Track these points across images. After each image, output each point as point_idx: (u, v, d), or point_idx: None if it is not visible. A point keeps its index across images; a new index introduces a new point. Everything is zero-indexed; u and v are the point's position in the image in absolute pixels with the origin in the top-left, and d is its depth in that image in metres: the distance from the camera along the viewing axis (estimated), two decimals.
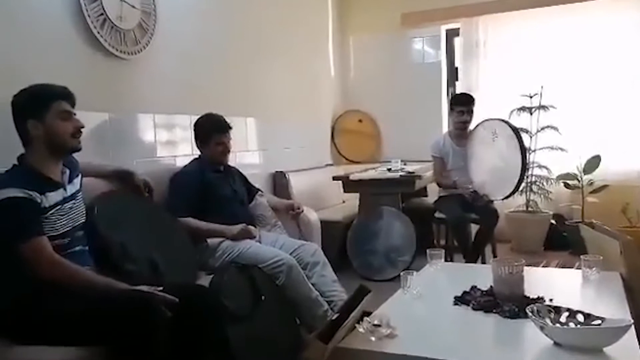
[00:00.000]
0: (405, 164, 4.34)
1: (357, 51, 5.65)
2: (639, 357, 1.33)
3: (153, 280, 1.87)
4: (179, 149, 3.22)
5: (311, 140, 5.00)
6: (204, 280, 2.38)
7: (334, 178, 4.20)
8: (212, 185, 2.81)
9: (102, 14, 2.62)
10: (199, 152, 2.95)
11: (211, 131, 2.86)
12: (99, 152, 2.63)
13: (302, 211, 3.17)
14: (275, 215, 3.14)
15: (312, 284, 2.67)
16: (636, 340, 1.40)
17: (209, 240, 2.68)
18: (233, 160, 3.17)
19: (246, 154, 3.92)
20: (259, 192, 3.19)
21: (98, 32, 2.61)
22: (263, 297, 2.39)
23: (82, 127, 1.95)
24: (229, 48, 3.73)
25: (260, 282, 2.45)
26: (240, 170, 3.18)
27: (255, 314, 2.31)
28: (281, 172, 4.20)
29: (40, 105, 1.86)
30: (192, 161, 2.94)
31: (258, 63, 4.07)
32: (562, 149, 4.51)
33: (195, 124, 2.93)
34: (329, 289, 2.73)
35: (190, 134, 3.01)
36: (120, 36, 2.74)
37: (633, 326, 1.40)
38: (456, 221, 3.74)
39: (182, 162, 3.04)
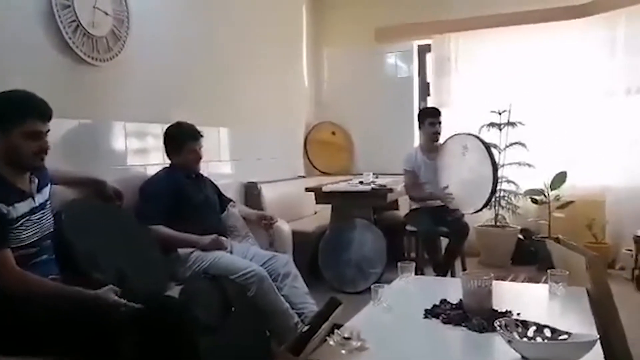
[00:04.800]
0: (377, 177, 4.37)
1: (331, 64, 5.70)
2: None
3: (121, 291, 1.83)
4: (150, 157, 3.18)
5: (284, 151, 5.01)
6: (174, 290, 2.34)
7: (307, 189, 4.20)
8: (184, 193, 2.78)
9: (74, 20, 2.59)
10: (169, 161, 2.92)
11: (184, 139, 2.84)
12: (69, 159, 2.58)
13: (275, 222, 3.15)
14: (247, 226, 3.12)
15: (283, 296, 2.66)
16: (602, 355, 1.43)
17: (180, 250, 2.64)
18: (205, 170, 3.13)
19: (218, 164, 3.90)
20: (231, 203, 3.17)
21: (70, 38, 2.57)
22: (233, 309, 2.37)
23: (47, 149, 1.88)
24: (203, 57, 3.71)
25: (230, 293, 2.43)
26: (212, 180, 3.16)
27: (225, 325, 2.28)
28: (253, 182, 4.18)
29: (10, 119, 1.79)
30: (162, 169, 2.91)
31: (232, 73, 4.06)
32: (529, 165, 4.61)
33: (167, 132, 2.91)
34: (300, 300, 2.71)
35: (161, 142, 2.97)
36: (92, 43, 2.70)
37: (599, 341, 1.43)
38: (427, 234, 3.78)
39: (152, 170, 3.00)
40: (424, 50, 5.45)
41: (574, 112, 4.75)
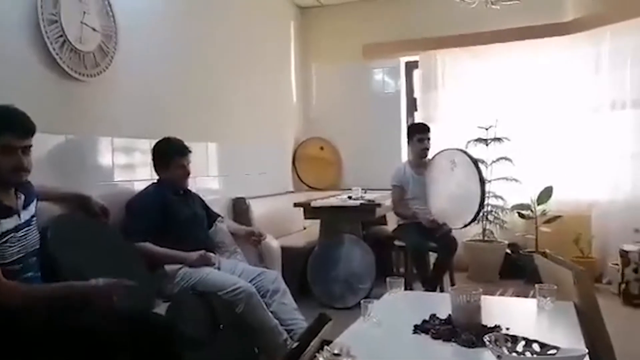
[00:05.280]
0: (365, 192, 4.38)
1: (319, 79, 5.73)
2: None
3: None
4: (138, 173, 3.16)
5: (273, 167, 5.00)
6: (161, 307, 2.32)
7: (295, 205, 4.20)
8: (172, 209, 2.77)
9: (61, 36, 2.58)
10: (157, 177, 2.90)
11: (172, 154, 2.84)
12: (55, 174, 2.55)
13: (264, 238, 3.14)
14: (235, 242, 3.10)
15: (272, 312, 2.64)
16: None
17: (167, 267, 2.62)
18: (193, 185, 3.12)
19: (206, 180, 3.88)
20: (219, 218, 3.15)
21: (57, 54, 2.56)
22: (221, 326, 2.35)
23: (25, 165, 1.83)
24: (191, 73, 3.72)
25: (218, 310, 2.41)
26: (200, 195, 3.14)
27: (213, 342, 2.26)
28: (242, 198, 4.17)
29: None
30: (150, 185, 2.89)
31: (221, 89, 4.07)
32: (516, 180, 4.65)
33: (155, 148, 2.90)
34: (288, 317, 2.70)
35: (149, 158, 2.96)
36: (79, 58, 2.70)
37: (587, 356, 1.43)
38: (415, 249, 3.78)
39: (140, 186, 2.98)
40: (411, 66, 5.51)
41: (559, 127, 4.82)
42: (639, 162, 4.33)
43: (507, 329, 1.75)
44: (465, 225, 3.75)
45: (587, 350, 1.44)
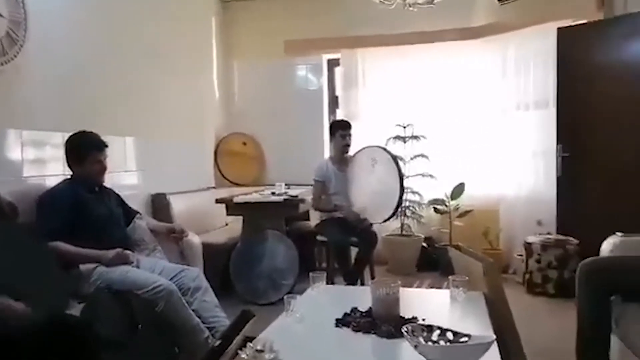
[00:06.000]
0: (288, 188, 4.40)
1: (241, 75, 5.69)
2: None
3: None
4: (50, 168, 2.99)
5: (194, 162, 4.91)
6: (76, 308, 2.22)
7: (217, 201, 4.15)
8: (87, 206, 2.65)
9: None
10: (70, 172, 2.77)
11: (88, 149, 2.71)
12: None
13: (186, 235, 3.08)
14: (155, 240, 3.02)
15: (193, 310, 2.60)
16: (498, 354, 1.54)
17: (82, 266, 2.51)
18: (109, 181, 3.00)
19: (124, 175, 3.74)
20: (138, 215, 3.05)
21: None
22: (140, 325, 2.28)
23: None
24: (108, 64, 3.56)
25: (137, 309, 2.34)
26: (117, 191, 3.03)
27: (132, 342, 2.19)
28: (162, 194, 4.05)
29: None
30: (63, 181, 2.75)
31: (139, 82, 3.93)
32: (431, 176, 4.87)
33: (69, 141, 2.75)
34: (210, 315, 2.67)
35: (62, 152, 2.81)
36: None
37: (496, 342, 1.54)
38: (337, 244, 3.86)
39: (52, 182, 2.82)
40: (333, 64, 5.60)
41: (471, 127, 5.09)
42: (541, 160, 4.65)
43: (424, 319, 1.84)
44: (385, 220, 3.88)
45: (495, 337, 1.55)
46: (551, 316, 3.63)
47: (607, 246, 2.69)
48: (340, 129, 4.07)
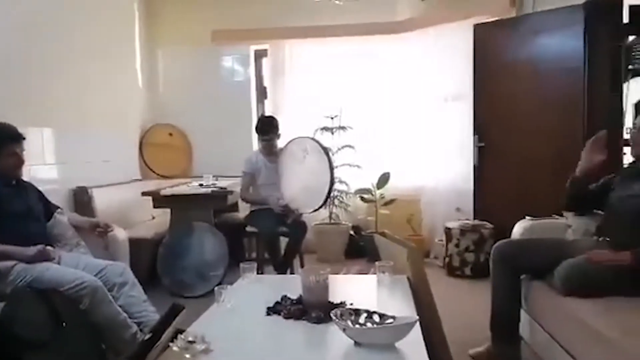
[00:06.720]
0: (217, 179, 4.37)
1: (166, 64, 5.55)
2: (423, 348, 1.57)
3: None
4: None
5: (117, 154, 4.75)
6: None
7: (143, 193, 4.05)
8: (3, 201, 2.52)
9: None
10: None
11: (3, 141, 2.57)
12: None
13: (110, 229, 2.99)
14: (78, 235, 2.92)
15: (120, 306, 2.54)
16: (420, 334, 1.65)
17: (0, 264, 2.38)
18: (27, 174, 2.86)
19: (42, 168, 3.58)
20: (59, 210, 2.93)
21: None
22: (64, 324, 2.21)
23: None
24: (24, 52, 3.38)
25: (60, 307, 2.26)
26: (36, 185, 2.89)
27: (56, 341, 2.12)
28: (83, 187, 3.91)
29: None
30: None
31: (57, 71, 3.76)
32: (358, 166, 5.00)
33: None
34: (138, 309, 2.62)
35: None
36: None
37: (418, 322, 1.64)
38: (267, 234, 3.88)
39: None
40: (260, 54, 5.58)
41: (395, 119, 5.26)
42: (460, 150, 4.88)
43: (352, 304, 1.92)
44: (315, 210, 3.94)
45: (417, 317, 1.65)
46: (468, 296, 3.86)
47: (518, 229, 2.91)
48: (261, 134, 4.02)
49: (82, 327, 2.35)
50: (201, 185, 4.16)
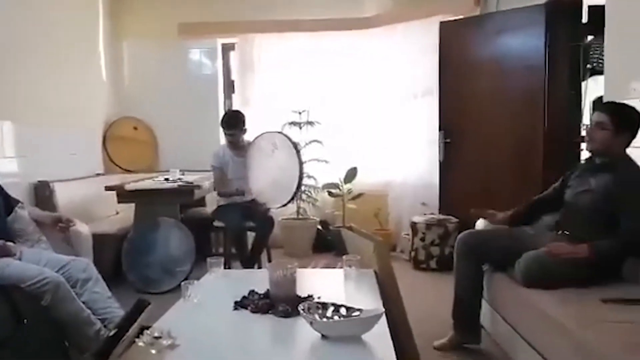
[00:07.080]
0: (183, 174, 4.33)
1: (132, 57, 5.44)
2: (389, 340, 1.59)
3: None
4: None
5: (80, 147, 4.65)
6: None
7: (107, 188, 3.98)
8: None
9: None
10: None
11: None
12: None
13: (73, 224, 2.93)
14: (40, 230, 2.85)
15: (84, 302, 2.50)
16: (387, 326, 1.67)
17: None
18: None
19: (1, 162, 3.48)
20: (19, 204, 2.86)
21: None
22: (25, 321, 2.16)
23: None
24: None
25: (21, 304, 2.21)
26: None
27: (16, 339, 2.07)
28: (44, 181, 3.81)
29: None
30: None
31: (15, 61, 3.64)
32: (326, 161, 5.02)
33: None
34: (101, 306, 2.58)
35: None
36: None
37: (384, 315, 1.67)
38: (234, 229, 3.87)
39: None
40: (228, 48, 5.53)
41: (362, 114, 5.30)
42: (427, 146, 4.95)
43: (319, 297, 1.94)
44: (283, 205, 3.94)
45: (383, 310, 1.68)
46: (433, 288, 3.94)
47: (481, 223, 2.98)
48: (226, 128, 4.00)
49: (44, 324, 2.30)
50: (167, 179, 4.12)
